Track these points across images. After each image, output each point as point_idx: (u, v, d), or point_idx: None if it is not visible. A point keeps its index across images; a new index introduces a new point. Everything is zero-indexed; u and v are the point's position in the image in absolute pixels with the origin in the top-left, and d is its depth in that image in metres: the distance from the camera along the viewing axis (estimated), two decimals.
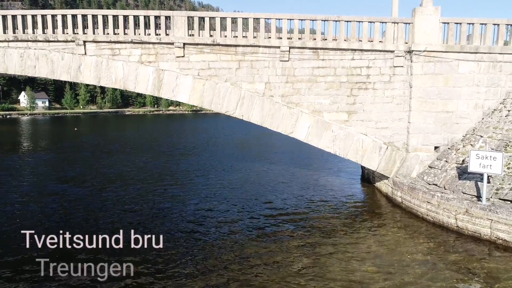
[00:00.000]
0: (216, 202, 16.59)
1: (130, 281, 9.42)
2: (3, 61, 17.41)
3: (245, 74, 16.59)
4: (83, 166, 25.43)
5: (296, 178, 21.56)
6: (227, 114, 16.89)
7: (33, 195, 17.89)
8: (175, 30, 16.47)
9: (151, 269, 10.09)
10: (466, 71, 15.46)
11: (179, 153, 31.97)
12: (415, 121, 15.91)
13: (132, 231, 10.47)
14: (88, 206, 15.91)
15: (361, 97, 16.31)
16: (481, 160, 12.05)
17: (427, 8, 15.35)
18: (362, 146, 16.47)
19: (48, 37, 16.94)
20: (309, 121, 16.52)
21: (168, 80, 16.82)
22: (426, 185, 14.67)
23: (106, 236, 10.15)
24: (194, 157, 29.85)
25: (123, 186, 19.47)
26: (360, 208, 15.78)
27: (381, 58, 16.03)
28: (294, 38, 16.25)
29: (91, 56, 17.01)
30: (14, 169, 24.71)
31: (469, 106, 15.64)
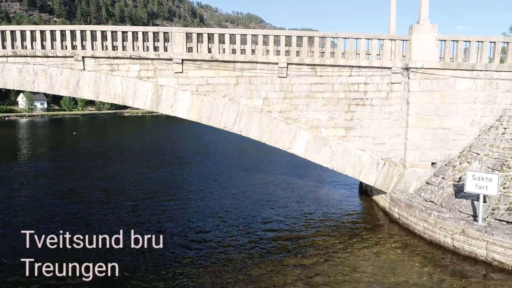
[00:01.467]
0: (214, 214, 16.70)
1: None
2: (2, 76, 17.46)
3: (243, 90, 16.67)
4: (81, 177, 25.38)
5: (293, 189, 21.66)
6: (225, 129, 16.97)
7: (24, 212, 17.81)
8: (174, 46, 16.53)
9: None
10: (463, 88, 15.57)
11: (178, 162, 32.02)
12: (412, 137, 16.01)
13: (132, 231, 10.63)
14: (81, 229, 15.95)
15: (358, 113, 16.41)
16: (477, 181, 12.15)
17: (424, 26, 15.46)
18: (359, 161, 16.57)
19: (47, 52, 16.98)
20: (307, 137, 16.61)
21: (167, 95, 16.89)
22: (423, 202, 14.78)
23: (106, 236, 10.31)
24: (193, 166, 29.91)
25: (121, 201, 19.39)
26: (357, 224, 15.86)
27: (378, 75, 16.13)
28: (292, 54, 16.33)
29: (90, 71, 17.07)
30: (7, 180, 24.62)
31: (466, 123, 15.75)
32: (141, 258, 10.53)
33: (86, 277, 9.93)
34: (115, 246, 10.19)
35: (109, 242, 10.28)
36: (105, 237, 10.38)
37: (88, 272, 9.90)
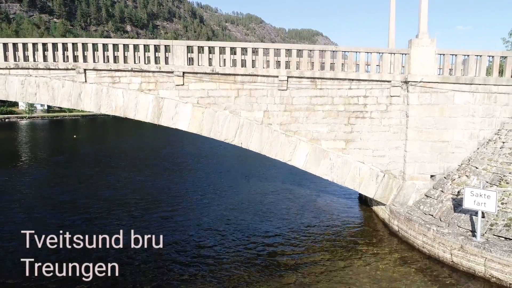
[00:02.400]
0: (214, 228, 16.83)
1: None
2: (4, 88, 17.58)
3: (244, 103, 16.79)
4: (81, 186, 25.33)
5: (293, 199, 21.78)
6: (226, 141, 17.10)
7: (23, 223, 17.97)
8: (175, 59, 16.66)
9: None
10: (462, 102, 15.70)
11: (179, 168, 32.15)
12: (412, 150, 16.14)
13: (132, 231, 10.77)
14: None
15: (358, 126, 16.54)
16: (476, 197, 12.28)
17: (423, 40, 15.58)
18: (359, 174, 16.70)
19: (49, 65, 17.11)
20: (307, 149, 16.74)
21: (168, 108, 17.02)
22: (422, 215, 14.90)
23: (106, 236, 10.44)
24: (193, 173, 30.06)
25: (121, 214, 19.39)
26: (357, 237, 15.97)
27: (378, 88, 16.26)
28: (292, 67, 16.45)
29: (92, 83, 17.19)
30: (5, 188, 24.62)
31: (464, 136, 15.88)
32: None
33: (86, 277, 10.08)
34: (115, 246, 10.32)
35: (109, 242, 10.41)
36: (105, 237, 10.52)
37: (88, 272, 10.05)
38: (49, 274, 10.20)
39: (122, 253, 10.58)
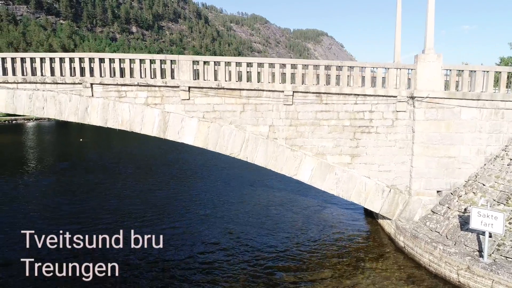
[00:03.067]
0: (218, 243, 16.89)
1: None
2: (12, 102, 17.77)
3: (249, 117, 16.83)
4: (86, 195, 25.44)
5: (298, 211, 21.77)
6: (231, 156, 17.14)
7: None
8: (181, 74, 16.73)
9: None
10: (469, 117, 15.60)
11: (184, 176, 32.27)
12: (418, 165, 16.07)
13: (132, 231, 10.86)
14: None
15: (364, 141, 16.50)
16: (483, 218, 12.21)
17: (429, 55, 15.51)
18: (365, 188, 16.66)
19: (56, 79, 17.26)
20: (312, 164, 16.73)
21: (174, 122, 17.09)
22: (428, 232, 14.84)
23: (106, 236, 10.52)
24: (198, 181, 30.18)
25: (125, 225, 19.57)
26: (363, 252, 15.93)
27: (383, 103, 16.20)
28: (298, 82, 16.45)
29: (98, 98, 17.32)
30: (10, 196, 24.86)
31: (471, 152, 15.78)
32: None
33: (86, 277, 10.18)
34: (115, 246, 10.40)
35: (109, 242, 10.50)
36: (105, 237, 10.59)
37: (88, 272, 10.14)
38: (49, 274, 10.29)
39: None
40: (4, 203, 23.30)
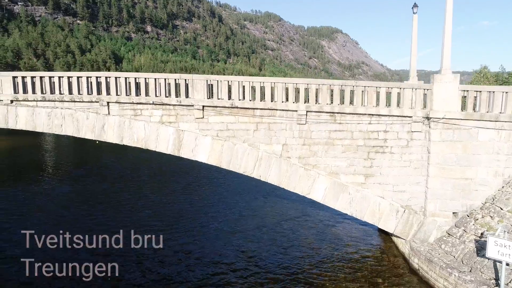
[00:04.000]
0: (231, 254, 17.06)
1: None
2: (32, 120, 18.26)
3: (262, 136, 16.89)
4: (100, 208, 25.77)
5: (312, 226, 21.77)
6: (244, 174, 17.24)
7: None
8: (195, 93, 16.89)
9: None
10: (486, 139, 15.31)
11: (198, 185, 32.58)
12: (433, 186, 15.86)
13: (132, 231, 11.06)
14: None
15: (378, 161, 16.37)
16: (500, 247, 11.99)
17: (446, 76, 15.25)
18: (379, 208, 16.54)
19: (74, 97, 17.65)
20: (325, 183, 16.70)
21: (188, 140, 17.29)
22: (443, 255, 14.66)
23: (106, 236, 10.74)
24: (210, 190, 30.41)
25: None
26: (377, 272, 15.85)
27: (398, 123, 16.04)
28: (311, 102, 16.41)
29: (114, 116, 17.64)
30: (23, 205, 25.51)
31: (488, 174, 15.48)
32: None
33: (86, 277, 10.44)
34: (115, 246, 10.59)
35: (109, 242, 10.69)
36: (105, 237, 10.80)
37: (88, 272, 10.39)
38: (49, 274, 10.58)
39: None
40: (20, 213, 23.98)
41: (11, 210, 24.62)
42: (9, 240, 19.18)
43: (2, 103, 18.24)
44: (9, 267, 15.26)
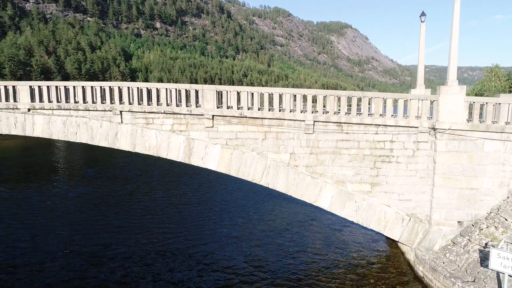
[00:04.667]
0: (239, 260, 17.55)
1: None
2: (48, 128, 18.93)
3: (271, 145, 17.29)
4: (110, 210, 26.45)
5: (319, 231, 22.14)
6: (253, 182, 17.67)
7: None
8: (205, 103, 17.34)
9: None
10: (492, 150, 15.48)
11: (208, 187, 33.12)
12: (439, 196, 16.11)
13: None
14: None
15: (384, 170, 16.66)
16: (502, 259, 12.26)
17: (452, 88, 15.44)
18: (384, 216, 16.86)
19: (88, 106, 18.24)
20: (332, 191, 17.06)
21: (198, 148, 17.78)
22: (447, 264, 14.94)
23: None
24: (221, 194, 30.91)
25: (143, 248, 20.64)
26: (382, 280, 16.18)
27: (404, 133, 16.29)
28: (319, 112, 16.74)
29: (127, 124, 18.20)
30: (39, 209, 26.35)
31: (494, 184, 15.67)
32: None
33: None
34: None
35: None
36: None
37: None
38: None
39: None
40: (32, 215, 24.81)
41: (31, 211, 25.50)
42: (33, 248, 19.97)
43: (20, 111, 18.94)
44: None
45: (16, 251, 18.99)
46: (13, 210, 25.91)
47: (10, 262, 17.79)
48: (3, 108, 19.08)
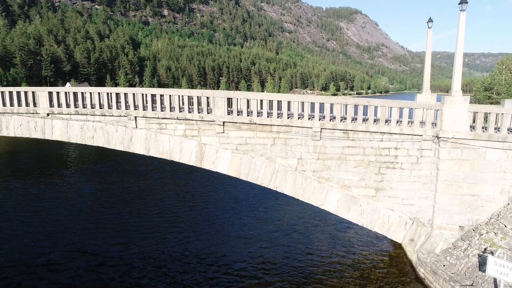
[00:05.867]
0: (247, 260, 18.49)
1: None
2: (66, 131, 19.86)
3: (279, 150, 17.98)
4: (121, 209, 27.70)
5: (325, 229, 22.96)
6: (262, 185, 18.44)
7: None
8: (216, 110, 18.02)
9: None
10: (493, 158, 15.97)
11: (218, 184, 33.98)
12: (441, 201, 16.72)
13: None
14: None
15: (388, 175, 17.27)
16: (499, 267, 12.93)
17: (456, 98, 15.87)
18: (388, 220, 17.55)
19: (104, 112, 19.07)
20: (338, 195, 17.76)
21: (209, 153, 18.55)
22: (448, 267, 15.66)
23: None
24: (229, 192, 31.73)
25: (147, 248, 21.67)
26: (385, 280, 17.00)
27: (409, 141, 16.82)
28: (326, 120, 17.32)
29: (141, 129, 19.01)
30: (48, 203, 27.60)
31: (495, 191, 16.21)
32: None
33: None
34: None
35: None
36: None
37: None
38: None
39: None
40: (50, 213, 26.02)
41: (48, 207, 26.73)
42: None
43: (39, 116, 19.87)
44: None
45: (35, 250, 20.06)
46: (29, 207, 27.17)
47: (30, 262, 18.82)
48: (24, 113, 20.03)
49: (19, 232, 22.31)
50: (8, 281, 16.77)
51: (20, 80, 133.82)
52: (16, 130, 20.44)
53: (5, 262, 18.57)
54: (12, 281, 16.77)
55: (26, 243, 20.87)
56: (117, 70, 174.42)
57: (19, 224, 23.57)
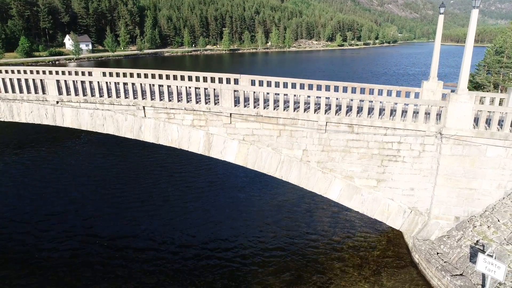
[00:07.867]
0: (249, 243, 19.83)
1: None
2: (77, 119, 20.32)
3: (285, 142, 18.47)
4: (125, 205, 28.59)
5: (326, 208, 24.02)
6: (268, 174, 19.19)
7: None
8: (223, 102, 18.27)
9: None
10: (494, 155, 16.42)
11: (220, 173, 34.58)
12: (440, 194, 17.47)
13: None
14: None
15: (390, 168, 17.89)
16: (488, 264, 13.98)
17: (461, 96, 15.96)
18: (388, 209, 18.47)
19: (113, 101, 19.38)
20: (341, 185, 18.54)
21: (217, 143, 19.10)
22: (441, 255, 16.82)
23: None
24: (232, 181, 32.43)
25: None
26: (381, 263, 18.27)
27: (412, 135, 17.20)
28: (331, 113, 17.58)
29: (150, 118, 19.43)
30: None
31: (492, 186, 16.87)
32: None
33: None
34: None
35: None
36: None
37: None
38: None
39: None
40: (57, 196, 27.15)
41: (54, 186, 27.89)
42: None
43: (49, 103, 20.22)
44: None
45: (45, 240, 20.49)
46: (37, 185, 28.33)
47: (42, 254, 19.33)
48: (34, 100, 20.36)
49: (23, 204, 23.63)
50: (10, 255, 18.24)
51: (19, 33, 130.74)
52: (28, 117, 20.90)
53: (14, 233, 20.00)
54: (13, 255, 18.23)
55: (36, 234, 22.27)
56: (116, 21, 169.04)
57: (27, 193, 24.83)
